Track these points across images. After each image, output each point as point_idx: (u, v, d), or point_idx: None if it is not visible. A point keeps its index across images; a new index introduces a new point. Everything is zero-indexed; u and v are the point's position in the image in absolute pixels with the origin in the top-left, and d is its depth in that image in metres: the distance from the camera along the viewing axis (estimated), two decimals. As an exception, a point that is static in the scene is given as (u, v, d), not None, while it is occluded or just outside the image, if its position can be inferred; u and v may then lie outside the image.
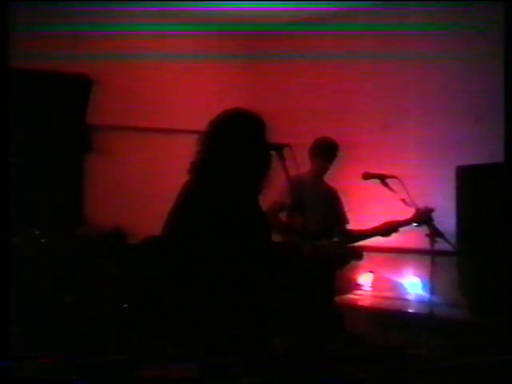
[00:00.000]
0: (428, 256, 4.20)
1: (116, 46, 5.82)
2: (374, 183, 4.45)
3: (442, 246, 4.17)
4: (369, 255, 4.83)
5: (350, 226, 4.72)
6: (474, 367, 2.37)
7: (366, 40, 5.91)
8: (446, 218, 4.71)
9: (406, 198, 4.20)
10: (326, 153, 4.62)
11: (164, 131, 6.13)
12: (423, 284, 5.38)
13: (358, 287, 5.92)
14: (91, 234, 5.00)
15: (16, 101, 3.05)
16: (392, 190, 4.30)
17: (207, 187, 2.59)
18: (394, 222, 4.51)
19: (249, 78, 6.63)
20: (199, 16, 6.26)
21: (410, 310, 5.34)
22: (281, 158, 2.69)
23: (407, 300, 5.56)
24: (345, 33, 6.00)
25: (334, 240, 4.41)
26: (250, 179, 2.67)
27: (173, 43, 6.22)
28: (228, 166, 2.60)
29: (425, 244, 4.25)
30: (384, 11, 5.82)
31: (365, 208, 5.49)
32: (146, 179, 5.83)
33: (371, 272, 5.87)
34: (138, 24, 5.98)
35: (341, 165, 4.75)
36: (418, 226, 4.37)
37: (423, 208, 4.32)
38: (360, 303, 5.65)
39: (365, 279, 5.90)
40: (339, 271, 4.67)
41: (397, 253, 5.47)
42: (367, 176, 4.49)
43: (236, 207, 2.59)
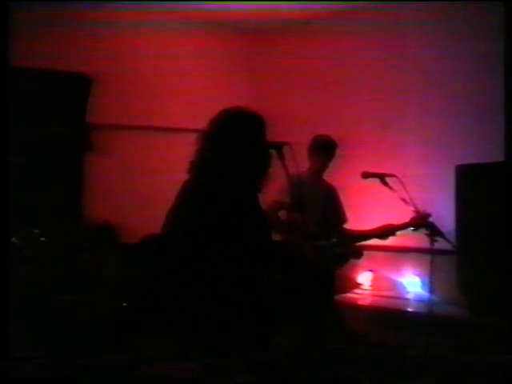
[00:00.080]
0: (428, 255, 4.20)
1: (116, 45, 5.82)
2: (374, 182, 4.44)
3: (441, 245, 4.17)
4: (368, 254, 4.82)
5: (349, 225, 4.73)
6: (474, 367, 2.37)
7: (365, 39, 5.91)
8: (446, 217, 4.72)
9: (405, 197, 4.20)
10: (325, 151, 4.62)
11: (164, 130, 6.13)
12: (423, 283, 5.38)
13: (358, 286, 5.92)
14: (82, 230, 5.02)
15: (15, 100, 3.05)
16: (391, 189, 4.30)
17: (207, 186, 2.59)
18: (391, 225, 4.52)
19: (249, 77, 6.63)
20: (199, 15, 6.26)
21: (410, 309, 5.34)
22: (280, 156, 2.69)
23: (407, 299, 5.56)
24: (345, 32, 6.01)
25: (333, 240, 4.42)
26: (250, 178, 2.67)
27: (173, 42, 6.22)
28: (228, 165, 2.60)
29: (424, 243, 4.25)
30: (384, 11, 5.82)
31: (364, 207, 5.50)
32: (145, 178, 5.83)
33: (371, 271, 5.87)
34: (137, 23, 5.98)
35: (340, 164, 4.75)
36: (415, 230, 4.39)
37: (421, 213, 4.31)
38: (360, 302, 5.65)
39: (364, 278, 5.91)
40: (339, 270, 4.67)
41: (396, 252, 5.47)
42: (366, 175, 4.49)
43: (236, 206, 2.59)
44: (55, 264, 4.53)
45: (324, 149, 4.62)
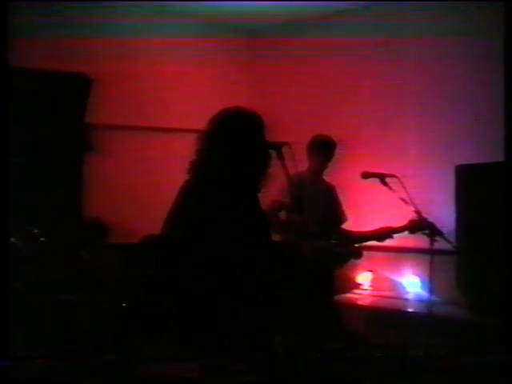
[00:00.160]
0: (427, 255, 4.20)
1: (116, 46, 5.81)
2: (374, 182, 4.45)
3: (441, 245, 4.17)
4: (368, 254, 4.83)
5: (349, 225, 4.73)
6: (474, 367, 2.37)
7: (365, 39, 5.91)
8: (446, 217, 4.72)
9: (405, 197, 4.20)
10: (324, 150, 4.62)
11: (163, 130, 6.13)
12: (422, 283, 5.38)
13: (358, 286, 5.92)
14: (79, 230, 5.02)
15: (15, 100, 3.04)
16: (391, 189, 4.30)
17: (206, 186, 2.59)
18: (389, 228, 4.53)
19: (248, 77, 6.63)
20: (199, 16, 6.26)
21: (410, 310, 5.35)
22: (280, 156, 2.69)
23: (406, 299, 5.56)
24: (344, 32, 6.01)
25: (332, 240, 4.42)
26: (250, 178, 2.67)
27: (172, 42, 6.21)
28: (227, 165, 2.60)
29: (424, 243, 4.25)
30: (384, 10, 5.82)
31: (364, 207, 5.50)
32: (145, 178, 5.83)
33: (370, 271, 5.87)
34: (137, 23, 5.98)
35: (340, 164, 4.75)
36: (412, 234, 4.40)
37: (419, 216, 4.30)
38: (359, 302, 5.65)
39: (364, 278, 5.91)
40: (338, 270, 4.68)
41: (396, 252, 5.47)
42: (366, 175, 4.49)
43: (235, 206, 2.59)
44: (55, 264, 4.53)
45: (323, 148, 4.62)
